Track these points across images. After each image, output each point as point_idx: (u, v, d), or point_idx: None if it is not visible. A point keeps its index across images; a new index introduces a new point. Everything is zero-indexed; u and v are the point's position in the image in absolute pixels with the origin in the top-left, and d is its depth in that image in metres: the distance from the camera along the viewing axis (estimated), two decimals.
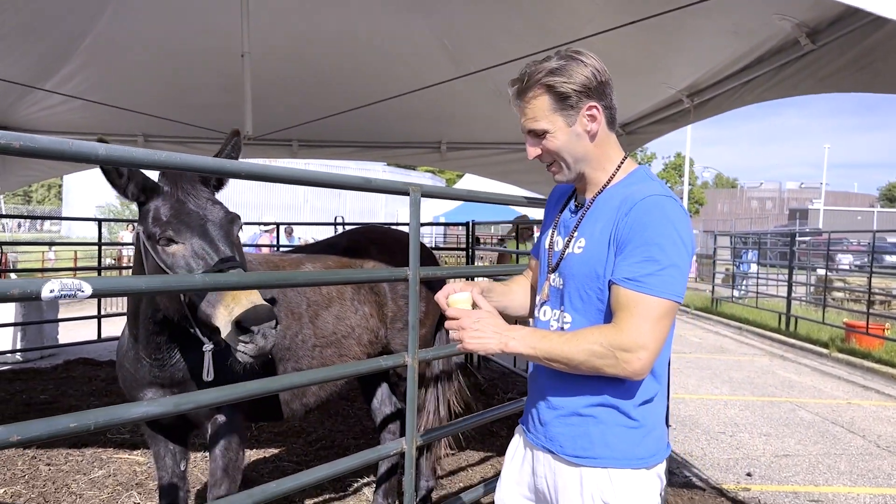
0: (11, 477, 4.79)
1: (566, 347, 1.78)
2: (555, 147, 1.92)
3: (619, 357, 1.73)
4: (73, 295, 1.67)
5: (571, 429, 1.91)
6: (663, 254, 1.74)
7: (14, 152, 1.57)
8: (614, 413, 1.87)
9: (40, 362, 8.86)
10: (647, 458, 1.89)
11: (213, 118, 7.15)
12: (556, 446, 1.94)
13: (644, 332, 1.72)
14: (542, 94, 1.88)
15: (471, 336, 1.86)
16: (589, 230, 1.91)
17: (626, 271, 1.76)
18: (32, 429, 1.65)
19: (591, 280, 1.87)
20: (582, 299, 1.91)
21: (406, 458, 2.71)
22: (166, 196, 2.53)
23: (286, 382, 2.37)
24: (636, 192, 1.83)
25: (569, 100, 1.86)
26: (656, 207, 1.78)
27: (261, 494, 2.20)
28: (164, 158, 1.82)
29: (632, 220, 1.78)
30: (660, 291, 1.73)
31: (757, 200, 78.15)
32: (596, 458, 1.87)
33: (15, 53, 5.92)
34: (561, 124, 1.89)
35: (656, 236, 1.75)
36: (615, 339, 1.73)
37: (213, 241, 2.48)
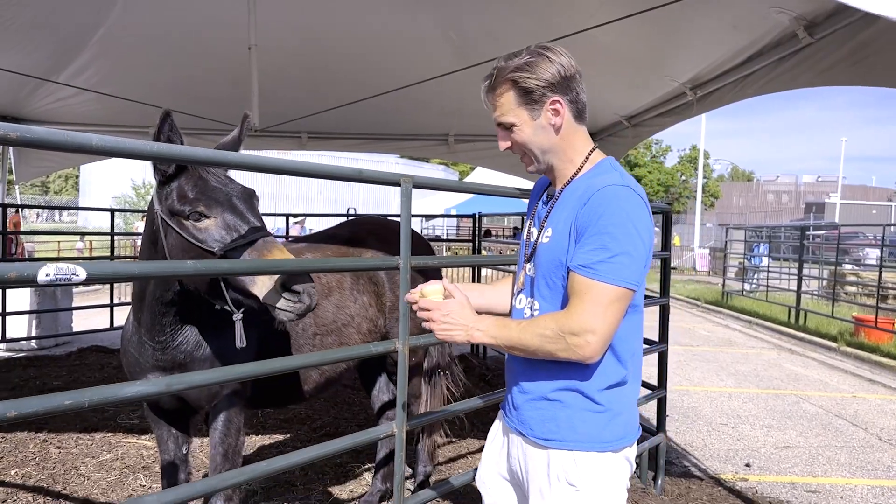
0: (23, 459, 4.92)
1: (522, 335, 1.87)
2: (521, 139, 1.99)
3: (570, 341, 1.79)
4: (68, 279, 1.76)
5: (540, 412, 1.98)
6: (615, 242, 1.80)
7: (11, 143, 1.65)
8: (579, 398, 1.93)
9: (54, 350, 9.03)
10: (612, 441, 1.94)
11: (223, 110, 7.26)
12: (527, 429, 2.02)
13: (592, 316, 1.78)
14: (508, 89, 1.95)
15: (439, 327, 1.95)
16: (556, 220, 1.98)
17: (580, 258, 1.83)
18: (29, 405, 1.74)
19: (556, 268, 1.95)
20: (548, 287, 1.98)
21: (396, 441, 2.80)
22: (188, 175, 2.64)
23: (278, 366, 2.45)
24: (595, 183, 1.90)
25: (532, 94, 1.93)
26: (611, 197, 1.85)
27: (251, 472, 2.29)
28: (155, 149, 1.90)
29: (588, 209, 1.85)
30: (609, 278, 1.79)
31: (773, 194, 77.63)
32: (562, 441, 1.94)
33: (29, 46, 6.05)
34: (526, 118, 1.96)
35: (609, 225, 1.81)
36: (565, 324, 1.80)
37: (242, 214, 2.61)
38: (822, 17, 4.15)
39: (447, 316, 1.94)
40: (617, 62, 6.13)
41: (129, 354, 3.11)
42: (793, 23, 4.30)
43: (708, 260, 31.07)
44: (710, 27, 4.95)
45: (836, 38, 4.11)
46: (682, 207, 58.09)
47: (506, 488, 2.17)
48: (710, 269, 29.82)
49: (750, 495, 5.03)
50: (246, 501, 4.29)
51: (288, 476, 4.75)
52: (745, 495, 5.02)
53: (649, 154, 59.79)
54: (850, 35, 3.95)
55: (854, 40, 3.92)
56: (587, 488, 1.92)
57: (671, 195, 58.71)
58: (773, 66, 4.84)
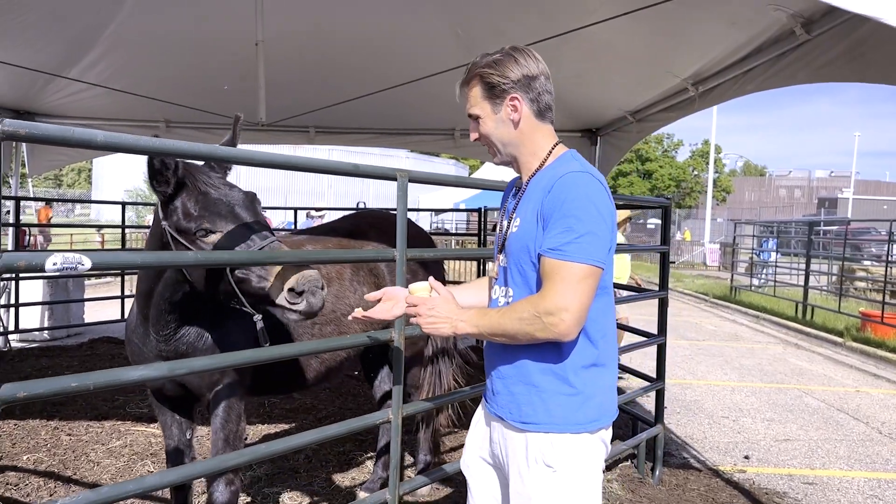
0: (34, 445, 5.06)
1: (502, 321, 1.97)
2: (484, 131, 2.13)
3: (546, 321, 1.88)
4: (74, 268, 1.85)
5: (517, 397, 2.08)
6: (580, 223, 1.91)
7: (21, 139, 1.75)
8: (554, 381, 2.02)
9: (67, 340, 9.20)
10: (586, 423, 2.03)
11: (231, 105, 7.28)
12: (505, 413, 2.11)
13: (565, 294, 1.88)
14: (476, 83, 2.10)
15: (425, 321, 2.07)
16: (523, 210, 2.10)
17: (549, 242, 1.94)
18: (38, 386, 1.84)
19: (525, 254, 2.06)
20: (520, 273, 2.09)
21: (392, 428, 2.89)
22: (189, 191, 2.71)
23: (275, 353, 2.55)
24: (558, 172, 2.02)
25: (495, 89, 2.07)
26: (572, 183, 1.96)
27: (251, 454, 2.39)
28: (156, 145, 1.99)
29: (552, 196, 1.96)
30: (578, 257, 1.89)
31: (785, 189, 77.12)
32: (538, 424, 2.03)
33: (41, 42, 6.17)
34: (488, 111, 2.10)
35: (573, 209, 1.92)
36: (540, 305, 1.90)
37: (246, 224, 2.69)
38: (818, 15, 4.20)
39: (432, 310, 2.05)
40: (620, 58, 6.20)
41: (133, 344, 3.22)
42: (790, 20, 4.35)
43: (718, 255, 30.96)
44: (709, 24, 5.00)
45: (832, 34, 4.16)
46: (693, 202, 57.86)
47: (489, 472, 2.26)
48: (720, 264, 29.73)
49: (747, 486, 5.09)
50: (250, 487, 4.41)
51: (292, 463, 4.87)
52: (742, 486, 5.09)
53: (661, 149, 59.55)
54: (846, 32, 4.01)
55: (850, 37, 3.98)
56: (564, 469, 2.00)
57: (682, 190, 58.48)
58: (772, 63, 4.89)
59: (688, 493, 4.88)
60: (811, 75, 4.55)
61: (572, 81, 7.06)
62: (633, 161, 55.68)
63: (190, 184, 2.72)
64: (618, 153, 8.51)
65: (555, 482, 2.00)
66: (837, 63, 4.22)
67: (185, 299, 2.93)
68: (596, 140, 8.74)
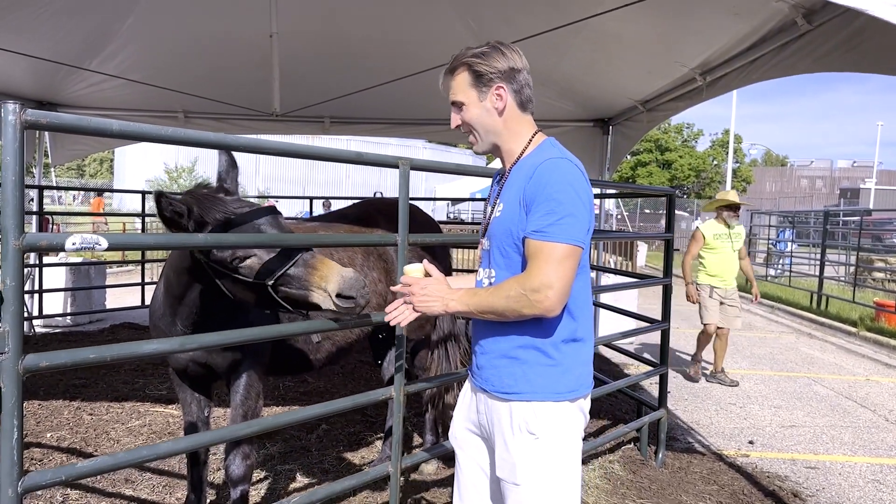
0: (57, 424, 5.27)
1: (490, 299, 2.10)
2: (468, 118, 2.24)
3: (531, 298, 2.01)
4: (92, 248, 2.00)
5: (499, 370, 2.21)
6: (560, 206, 2.03)
7: (42, 127, 1.90)
8: (535, 353, 2.15)
9: (88, 326, 9.46)
10: (566, 392, 2.16)
11: (247, 95, 7.52)
12: (489, 385, 2.24)
13: (548, 272, 2.01)
14: (463, 71, 2.21)
15: (419, 300, 2.20)
16: (506, 196, 2.23)
17: (532, 225, 2.06)
18: (59, 357, 1.99)
19: (507, 237, 2.18)
20: (502, 255, 2.22)
21: (394, 404, 3.03)
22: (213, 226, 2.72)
23: (283, 330, 2.69)
24: (538, 159, 2.15)
25: (482, 78, 2.18)
26: (553, 168, 2.08)
27: (258, 425, 2.54)
28: (169, 133, 2.13)
29: (534, 182, 2.09)
30: (559, 237, 2.02)
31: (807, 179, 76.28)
32: (520, 393, 2.16)
33: (61, 32, 6.34)
34: (474, 98, 2.21)
35: (553, 192, 2.05)
36: (525, 283, 2.03)
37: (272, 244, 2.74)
38: (819, 5, 4.26)
39: (424, 290, 2.19)
40: (629, 48, 6.27)
41: (158, 330, 3.33)
42: (792, 11, 4.42)
43: None
44: (713, 14, 5.06)
45: (832, 25, 4.22)
46: (713, 192, 57.45)
47: (475, 442, 2.40)
48: None
49: (749, 470, 5.19)
50: (263, 464, 4.58)
51: (304, 443, 5.04)
52: (745, 470, 5.18)
53: (680, 138, 59.16)
54: (845, 23, 4.07)
55: (849, 27, 4.04)
56: (545, 436, 2.13)
57: (702, 180, 58.08)
58: (776, 53, 4.95)
59: (690, 475, 4.99)
60: (812, 65, 4.61)
61: (583, 71, 7.15)
62: (652, 151, 55.38)
63: (210, 220, 2.73)
64: (629, 142, 8.59)
65: (538, 448, 2.13)
66: (836, 53, 4.28)
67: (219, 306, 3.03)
68: (608, 129, 8.82)
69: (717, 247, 7.80)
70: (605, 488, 4.59)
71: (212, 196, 2.79)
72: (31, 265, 8.68)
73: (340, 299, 2.58)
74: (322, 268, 2.63)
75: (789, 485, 4.97)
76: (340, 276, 2.61)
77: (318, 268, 2.63)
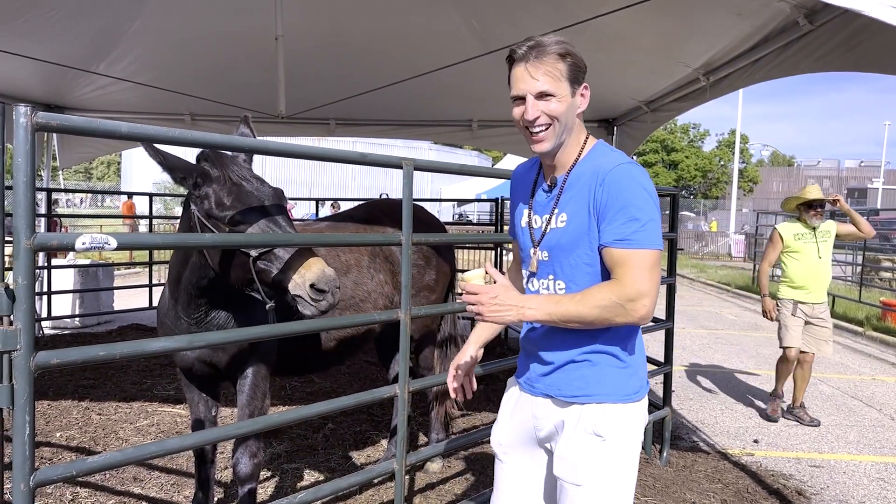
0: (67, 423, 5.33)
1: (579, 308, 2.00)
2: (556, 111, 2.07)
3: (627, 307, 1.96)
4: (101, 247, 2.04)
5: (568, 374, 2.17)
6: (641, 212, 1.99)
7: (52, 129, 1.94)
8: (606, 357, 2.13)
9: (97, 327, 9.55)
10: (633, 393, 2.15)
11: (253, 97, 7.56)
12: (555, 390, 2.19)
13: (643, 281, 1.97)
14: (559, 60, 2.06)
15: (490, 310, 2.03)
16: (568, 205, 2.13)
17: (615, 233, 2.01)
18: (69, 354, 2.03)
19: (579, 248, 2.11)
20: (572, 266, 2.14)
21: (399, 401, 3.07)
22: (221, 181, 2.87)
23: (289, 329, 2.73)
24: (604, 164, 2.07)
25: (578, 74, 2.09)
26: (625, 174, 2.03)
27: (265, 422, 2.58)
28: (176, 134, 2.18)
29: (607, 188, 2.02)
30: (647, 244, 1.99)
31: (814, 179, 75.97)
32: (591, 395, 2.13)
33: (69, 36, 6.39)
34: (567, 92, 2.08)
35: (632, 199, 2.00)
36: (621, 293, 1.97)
37: (276, 221, 2.84)
38: (820, 6, 4.27)
39: (496, 298, 2.03)
40: (632, 49, 6.29)
41: (165, 326, 3.40)
42: (793, 11, 4.44)
43: (743, 245, 30.78)
44: (716, 14, 5.08)
45: (833, 25, 4.25)
46: (720, 192, 57.36)
47: (525, 449, 2.32)
48: (745, 254, 29.56)
49: (754, 468, 5.21)
50: (270, 463, 4.62)
51: (310, 442, 5.08)
52: (749, 468, 5.20)
53: (687, 139, 59.09)
54: (845, 23, 4.09)
55: (849, 27, 4.07)
56: (612, 437, 2.10)
57: (709, 180, 57.98)
58: (778, 53, 4.97)
59: (694, 473, 5.01)
60: (813, 65, 4.63)
61: (588, 71, 7.15)
62: (658, 152, 55.35)
63: (223, 174, 2.87)
64: (634, 142, 8.60)
65: (603, 450, 2.09)
66: (837, 52, 4.31)
67: (212, 285, 3.10)
68: (613, 130, 8.84)
69: (800, 250, 6.49)
70: None
71: (231, 156, 2.95)
72: (40, 267, 8.75)
73: (313, 290, 2.70)
74: (310, 258, 2.76)
75: (794, 483, 4.98)
76: (322, 270, 2.73)
77: (305, 257, 2.76)
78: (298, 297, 2.73)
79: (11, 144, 1.86)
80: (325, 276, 2.72)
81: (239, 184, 2.87)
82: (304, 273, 2.71)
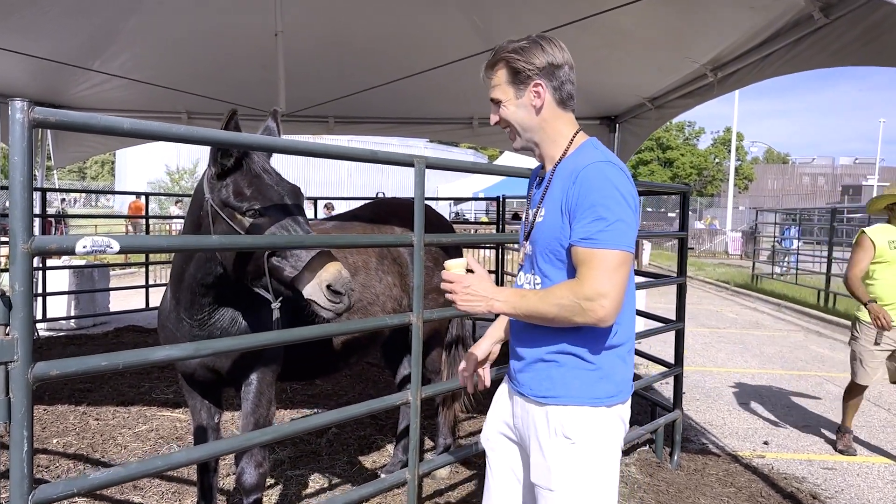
0: (64, 429, 5.19)
1: (540, 305, 2.01)
2: (505, 115, 2.16)
3: (585, 307, 1.93)
4: (103, 251, 1.92)
5: (537, 373, 2.14)
6: (609, 212, 1.95)
7: (50, 126, 1.82)
8: (572, 358, 2.08)
9: (92, 329, 9.39)
10: (604, 398, 2.09)
11: (252, 96, 7.44)
12: (526, 389, 2.18)
13: (602, 281, 1.92)
14: (501, 67, 2.14)
15: (461, 299, 2.09)
16: (549, 200, 2.13)
17: (581, 232, 1.98)
18: (69, 365, 1.91)
19: (551, 244, 2.09)
20: (546, 261, 2.13)
21: (411, 409, 2.95)
22: (244, 172, 2.80)
23: (297, 335, 2.61)
24: (580, 162, 2.05)
25: (519, 75, 2.11)
26: (597, 172, 1.99)
27: (273, 433, 2.46)
28: (182, 131, 2.06)
29: (578, 186, 2.00)
30: (611, 244, 1.94)
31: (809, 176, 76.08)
32: (557, 397, 2.09)
33: (65, 32, 6.27)
34: (511, 95, 2.13)
35: (601, 198, 1.96)
36: (579, 292, 1.94)
37: (295, 218, 2.78)
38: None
39: (468, 288, 2.07)
40: (638, 44, 6.18)
41: (166, 330, 3.26)
42: (808, 4, 4.34)
43: (740, 243, 30.75)
44: (727, 8, 4.99)
45: (850, 18, 4.14)
46: (715, 190, 57.37)
47: (509, 446, 2.32)
48: (742, 252, 29.53)
49: (766, 471, 5.11)
50: (273, 469, 4.50)
51: (314, 447, 4.96)
52: (761, 471, 5.10)
53: (682, 136, 59.10)
54: (863, 16, 3.99)
55: (867, 21, 3.97)
56: (582, 441, 2.05)
57: (704, 178, 58.02)
58: (790, 48, 4.87)
59: (706, 477, 4.91)
60: (827, 60, 4.53)
61: (590, 68, 7.04)
62: (653, 149, 55.33)
63: (245, 164, 2.81)
64: (637, 140, 8.48)
65: (573, 454, 2.06)
66: (853, 47, 4.21)
67: (218, 283, 2.98)
68: (615, 127, 8.73)
69: (892, 260, 5.39)
70: (622, 492, 4.50)
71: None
72: (35, 268, 8.61)
73: (330, 292, 2.63)
74: (328, 260, 2.68)
75: (807, 486, 4.89)
76: (339, 272, 2.66)
77: (324, 259, 2.68)
78: (313, 300, 2.66)
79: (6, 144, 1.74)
80: (342, 277, 2.66)
81: (259, 175, 2.82)
82: (322, 275, 2.65)
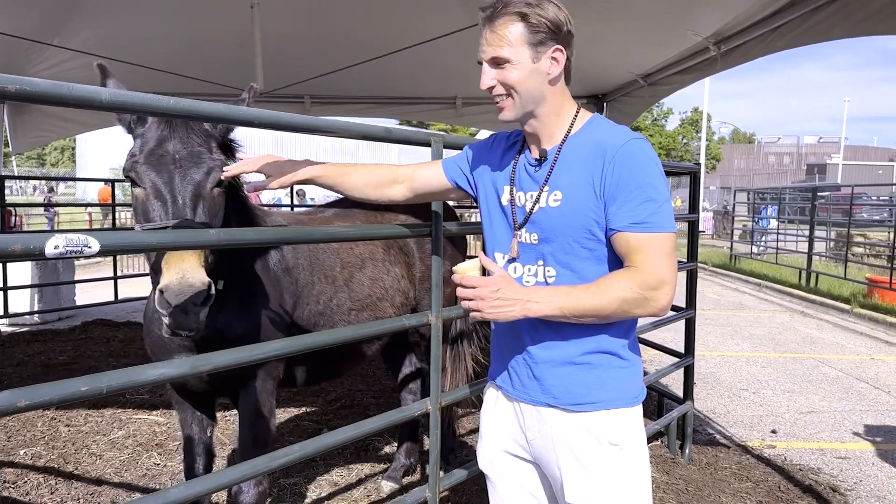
0: (31, 438, 4.77)
1: (595, 300, 1.73)
2: (512, 80, 1.81)
3: (649, 297, 1.73)
4: (80, 251, 1.56)
5: (565, 378, 1.87)
6: (658, 193, 1.76)
7: (11, 97, 1.45)
8: (609, 357, 1.87)
9: (58, 324, 8.87)
10: (638, 395, 1.92)
11: (227, 74, 7.01)
12: (551, 398, 1.89)
13: (664, 267, 1.74)
14: (515, 21, 1.78)
15: (491, 306, 1.74)
16: (563, 181, 1.84)
17: (630, 216, 1.75)
18: (42, 393, 1.55)
19: (577, 231, 1.82)
20: (566, 251, 1.84)
21: (431, 419, 2.62)
22: (147, 126, 2.27)
23: (307, 342, 2.25)
24: (610, 139, 1.80)
25: (539, 34, 1.78)
26: (639, 151, 1.78)
27: (283, 458, 2.12)
28: (171, 104, 1.70)
29: (619, 166, 1.76)
30: (665, 227, 1.76)
31: (774, 156, 77.10)
32: (597, 402, 1.85)
33: (20, 6, 5.77)
34: (526, 57, 1.79)
35: (648, 177, 1.76)
36: (643, 281, 1.73)
37: (173, 194, 2.16)
38: None
39: (497, 292, 1.73)
40: (634, 17, 5.86)
41: (152, 335, 2.80)
42: None
43: (711, 223, 30.78)
44: None
45: None
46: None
47: (520, 467, 2.02)
48: (713, 232, 29.57)
49: (780, 463, 4.89)
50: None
51: None
52: (775, 463, 4.88)
53: (650, 117, 59.24)
54: None
55: None
56: (628, 445, 1.86)
57: (672, 159, 58.33)
58: (806, 17, 4.60)
59: (720, 471, 4.68)
60: (849, 29, 4.26)
61: (584, 44, 6.73)
62: None
63: (156, 122, 2.27)
64: (627, 119, 8.14)
65: (621, 460, 1.84)
66: (881, 15, 3.93)
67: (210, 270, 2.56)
68: (602, 107, 8.42)
69: None
70: None
71: None
72: None
73: (162, 300, 1.98)
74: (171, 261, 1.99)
75: (824, 478, 4.68)
76: (181, 271, 1.97)
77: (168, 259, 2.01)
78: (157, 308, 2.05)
79: None
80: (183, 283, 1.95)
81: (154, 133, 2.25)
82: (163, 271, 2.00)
